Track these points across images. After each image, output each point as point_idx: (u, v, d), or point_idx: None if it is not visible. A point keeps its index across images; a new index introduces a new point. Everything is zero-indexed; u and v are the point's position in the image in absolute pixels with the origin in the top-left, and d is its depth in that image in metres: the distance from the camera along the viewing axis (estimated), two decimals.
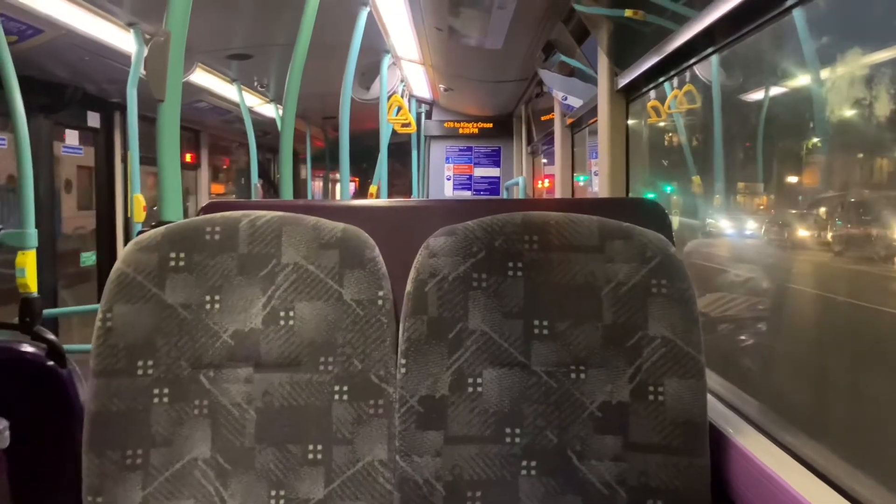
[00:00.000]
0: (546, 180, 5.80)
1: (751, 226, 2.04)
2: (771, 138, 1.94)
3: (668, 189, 3.07)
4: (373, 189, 4.55)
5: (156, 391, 1.10)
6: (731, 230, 2.21)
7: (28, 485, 1.83)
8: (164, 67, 1.42)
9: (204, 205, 1.37)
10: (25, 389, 1.94)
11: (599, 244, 1.14)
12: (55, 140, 4.45)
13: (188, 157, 6.58)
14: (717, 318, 1.95)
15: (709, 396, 1.14)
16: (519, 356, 1.12)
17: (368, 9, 3.22)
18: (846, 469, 1.00)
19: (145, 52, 3.45)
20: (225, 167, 8.58)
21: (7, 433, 1.74)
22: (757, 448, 1.09)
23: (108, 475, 1.07)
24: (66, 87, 4.18)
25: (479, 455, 1.10)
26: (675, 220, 2.53)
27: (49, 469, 1.88)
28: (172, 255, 1.13)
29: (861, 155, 1.56)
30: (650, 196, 3.13)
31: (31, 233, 2.17)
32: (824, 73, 1.59)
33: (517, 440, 1.11)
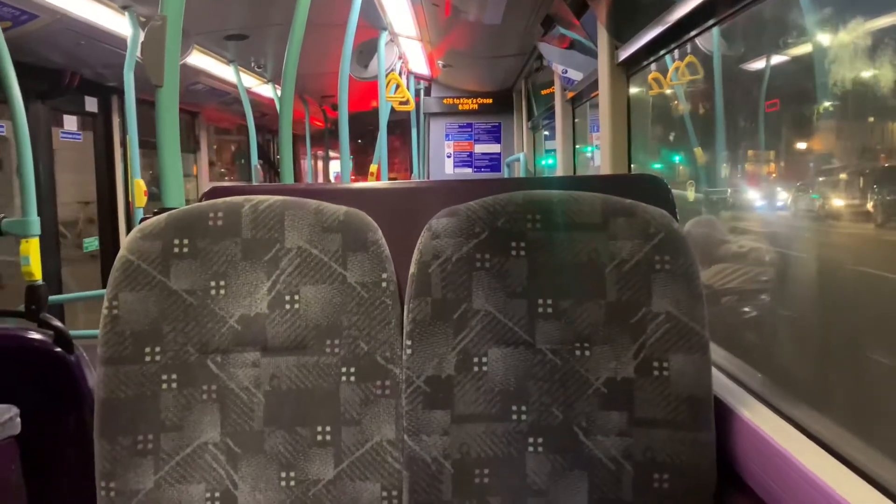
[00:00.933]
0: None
1: (777, 196, 1.89)
2: (788, 102, 1.86)
3: (677, 159, 3.01)
4: (373, 168, 4.54)
5: (164, 377, 1.11)
6: (757, 202, 2.07)
7: (40, 471, 1.85)
8: (161, 52, 1.40)
9: (205, 190, 1.37)
10: (34, 376, 1.95)
11: (602, 222, 1.14)
12: (53, 126, 4.43)
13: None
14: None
15: (714, 371, 1.14)
16: (523, 335, 1.13)
17: None
18: None
19: (141, 35, 3.42)
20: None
21: (18, 420, 1.76)
22: (762, 422, 1.10)
23: (120, 461, 1.08)
24: (62, 72, 4.15)
25: (486, 433, 1.11)
26: (691, 193, 2.45)
27: (60, 455, 1.90)
28: (176, 241, 1.13)
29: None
30: (657, 167, 3.10)
31: (34, 220, 2.17)
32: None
33: (523, 417, 1.12)
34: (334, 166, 10.19)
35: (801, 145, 1.78)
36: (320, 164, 11.53)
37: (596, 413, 1.11)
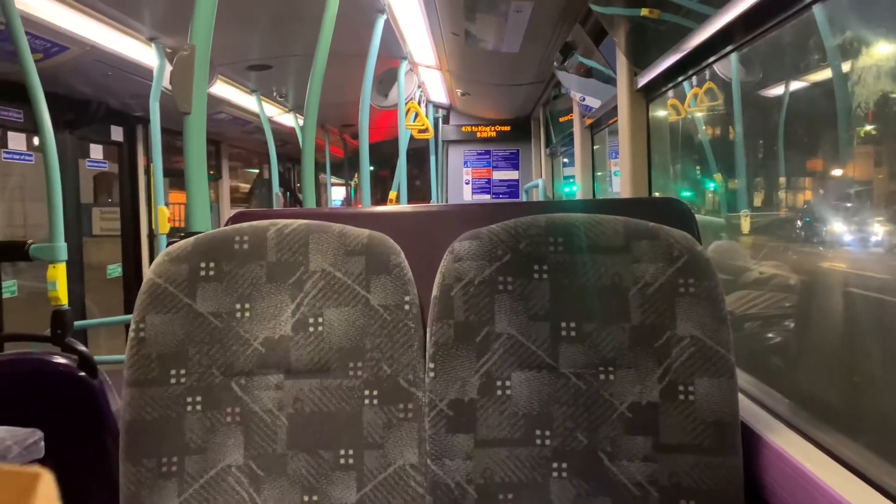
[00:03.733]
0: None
1: (860, 230, 1.60)
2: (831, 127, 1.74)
3: (712, 186, 2.92)
4: (392, 195, 4.57)
5: (189, 399, 1.11)
6: (844, 237, 1.72)
7: (63, 495, 1.86)
8: (189, 80, 1.44)
9: (231, 215, 1.39)
10: (58, 401, 1.97)
11: (625, 244, 1.14)
12: (80, 157, 4.52)
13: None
14: None
15: (740, 395, 1.13)
16: (547, 358, 1.12)
17: (385, 16, 3.24)
18: None
19: (167, 65, 3.50)
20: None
21: (42, 444, 1.77)
22: (791, 447, 1.08)
23: (145, 483, 1.09)
24: (90, 102, 4.25)
25: (509, 458, 1.10)
26: (746, 223, 2.22)
27: (84, 479, 1.91)
28: (202, 264, 1.14)
29: None
30: (687, 195, 3.08)
31: (61, 246, 2.21)
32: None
33: (547, 442, 1.11)
34: (335, 193, 10.31)
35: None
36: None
37: (621, 438, 1.10)
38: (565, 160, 5.90)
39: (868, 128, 1.57)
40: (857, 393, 1.46)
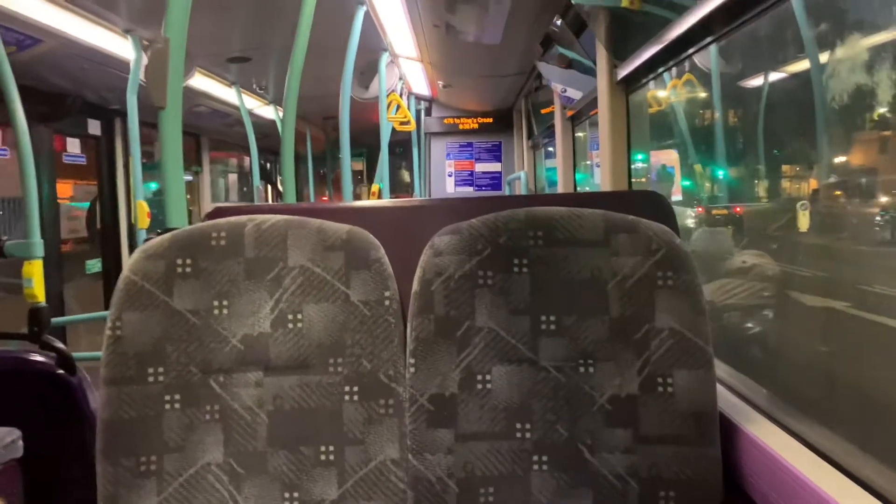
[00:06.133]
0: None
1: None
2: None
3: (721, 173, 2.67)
4: (374, 188, 4.55)
5: (167, 397, 1.10)
6: None
7: (42, 494, 1.84)
8: (164, 75, 1.42)
9: (208, 210, 1.38)
10: (36, 399, 1.95)
11: (604, 238, 1.14)
12: (57, 149, 4.45)
13: None
14: None
15: (719, 387, 1.14)
16: (527, 352, 1.13)
17: (365, 8, 3.22)
18: None
19: (144, 57, 3.46)
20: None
21: (20, 443, 1.75)
22: (768, 437, 1.09)
23: (123, 483, 1.08)
24: (66, 95, 4.19)
25: (490, 451, 1.11)
26: (804, 218, 1.77)
27: (62, 477, 1.89)
28: (179, 261, 1.13)
29: None
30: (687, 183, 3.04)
31: (37, 242, 2.18)
32: None
33: (528, 435, 1.11)
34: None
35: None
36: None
37: (601, 430, 1.10)
38: (550, 149, 5.91)
39: None
40: None
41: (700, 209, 2.91)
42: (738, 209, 2.58)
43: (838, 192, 1.77)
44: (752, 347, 2.02)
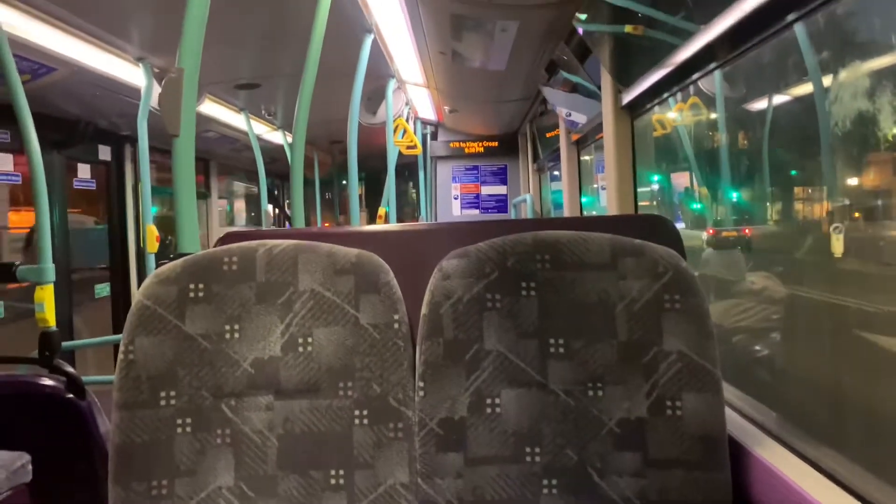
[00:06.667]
0: None
1: None
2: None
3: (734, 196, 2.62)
4: (381, 212, 4.58)
5: (179, 421, 1.11)
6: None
7: None
8: (177, 103, 1.44)
9: (220, 236, 1.40)
10: (46, 422, 1.96)
11: (611, 261, 1.15)
12: (68, 174, 4.50)
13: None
14: None
15: (728, 410, 1.14)
16: (536, 375, 1.13)
17: (373, 35, 3.27)
18: None
19: (155, 85, 3.51)
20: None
21: (29, 467, 1.76)
22: (778, 460, 1.09)
23: None
24: (78, 122, 4.24)
25: (499, 475, 1.11)
26: (838, 242, 1.63)
27: (71, 501, 1.89)
28: (192, 286, 1.15)
29: None
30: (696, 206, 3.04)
31: (49, 267, 2.20)
32: None
33: (537, 459, 1.11)
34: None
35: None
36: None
37: (610, 454, 1.11)
38: (556, 172, 5.93)
39: None
40: None
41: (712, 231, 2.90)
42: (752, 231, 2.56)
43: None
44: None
